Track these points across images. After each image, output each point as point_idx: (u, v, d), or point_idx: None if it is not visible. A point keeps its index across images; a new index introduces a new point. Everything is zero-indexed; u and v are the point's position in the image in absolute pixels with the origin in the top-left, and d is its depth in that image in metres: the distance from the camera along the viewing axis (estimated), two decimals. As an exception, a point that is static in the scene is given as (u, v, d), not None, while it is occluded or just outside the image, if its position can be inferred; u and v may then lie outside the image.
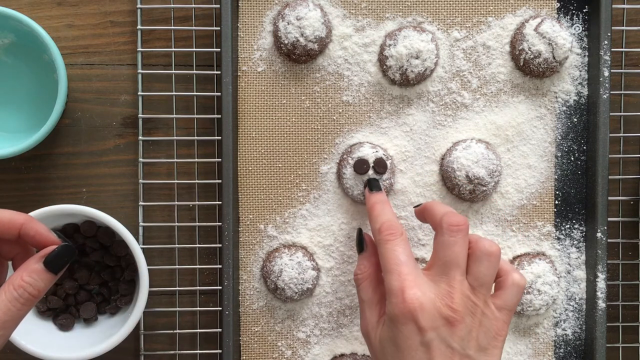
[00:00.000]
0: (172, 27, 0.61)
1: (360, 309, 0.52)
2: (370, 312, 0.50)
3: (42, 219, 0.57)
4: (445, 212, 0.51)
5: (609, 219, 0.60)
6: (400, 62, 0.58)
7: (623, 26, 0.62)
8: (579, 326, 0.62)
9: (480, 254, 0.49)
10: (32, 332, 0.58)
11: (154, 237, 0.62)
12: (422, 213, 0.55)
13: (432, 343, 0.46)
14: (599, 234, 0.59)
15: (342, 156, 0.60)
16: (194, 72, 0.61)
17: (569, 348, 0.62)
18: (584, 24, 0.61)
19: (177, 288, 0.61)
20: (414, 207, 0.58)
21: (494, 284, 0.50)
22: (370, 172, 0.58)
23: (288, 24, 0.58)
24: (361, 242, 0.55)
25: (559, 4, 0.61)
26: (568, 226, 0.62)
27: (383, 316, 0.49)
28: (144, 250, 0.60)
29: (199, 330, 0.61)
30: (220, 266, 0.59)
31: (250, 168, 0.61)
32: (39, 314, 0.60)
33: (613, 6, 0.59)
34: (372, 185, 0.56)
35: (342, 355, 0.61)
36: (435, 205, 0.53)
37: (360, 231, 0.56)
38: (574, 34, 0.61)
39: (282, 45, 0.59)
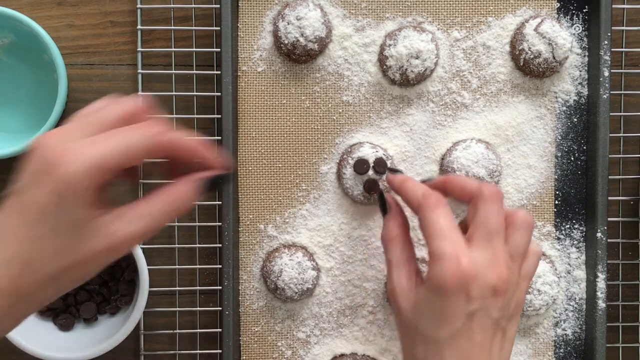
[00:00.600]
0: (172, 27, 0.61)
1: (388, 270, 0.51)
2: (398, 273, 0.50)
3: (42, 219, 0.57)
4: (481, 182, 0.50)
5: (609, 219, 0.60)
6: (400, 62, 0.58)
7: (623, 26, 0.62)
8: (579, 326, 0.62)
9: (520, 224, 0.49)
10: (32, 332, 0.58)
11: (154, 237, 0.61)
12: (443, 185, 0.52)
13: (476, 313, 0.45)
14: (599, 234, 0.59)
15: (342, 156, 0.60)
16: (194, 72, 0.61)
17: (569, 348, 0.62)
18: (584, 24, 0.61)
19: (177, 288, 0.61)
20: (424, 180, 0.55)
21: None
22: (371, 172, 0.58)
23: (288, 24, 0.58)
24: (384, 204, 0.54)
25: (559, 4, 0.61)
26: (568, 226, 0.62)
27: (414, 278, 0.49)
28: (144, 250, 0.60)
29: (199, 330, 0.61)
30: (220, 266, 0.59)
31: (250, 168, 0.61)
32: (39, 314, 0.60)
33: (613, 6, 0.59)
34: (395, 170, 0.56)
35: (342, 355, 0.61)
36: (465, 178, 0.52)
37: (382, 193, 0.55)
38: (574, 34, 0.61)
39: (282, 45, 0.59)
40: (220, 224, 0.60)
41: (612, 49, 0.59)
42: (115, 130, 0.40)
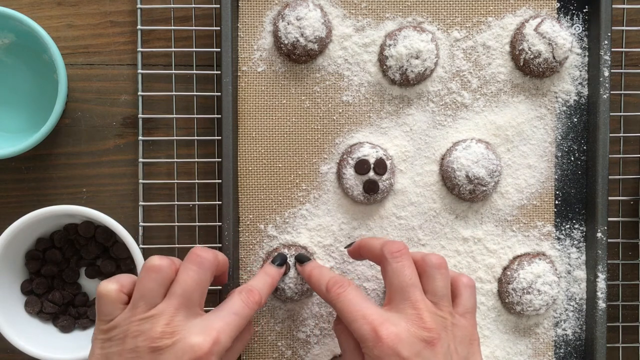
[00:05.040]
0: (172, 27, 0.61)
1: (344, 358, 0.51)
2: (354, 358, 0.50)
3: (42, 219, 0.57)
4: (383, 242, 0.51)
5: (609, 219, 0.60)
6: (400, 62, 0.58)
7: (623, 26, 0.62)
8: (579, 326, 0.62)
9: (431, 270, 0.50)
10: (33, 334, 0.58)
11: (154, 237, 0.62)
12: (358, 251, 0.55)
13: None
14: (599, 234, 0.59)
15: (342, 156, 0.60)
16: (194, 72, 0.61)
17: (569, 348, 0.62)
18: (584, 24, 0.61)
19: (177, 288, 0.61)
20: (345, 247, 0.59)
21: None
22: (371, 173, 0.58)
23: (288, 24, 0.58)
24: None
25: (559, 4, 0.61)
26: (568, 226, 0.62)
27: None
28: (143, 250, 0.60)
29: (199, 330, 0.61)
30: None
31: (250, 168, 0.61)
32: (40, 317, 0.60)
33: (613, 6, 0.59)
34: (301, 260, 0.57)
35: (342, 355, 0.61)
36: (369, 241, 0.53)
37: None
38: (574, 34, 0.61)
39: (282, 45, 0.59)
40: (220, 224, 0.60)
41: (612, 49, 0.59)
42: (225, 312, 0.48)
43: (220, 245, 0.58)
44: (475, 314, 0.51)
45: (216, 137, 0.61)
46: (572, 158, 0.62)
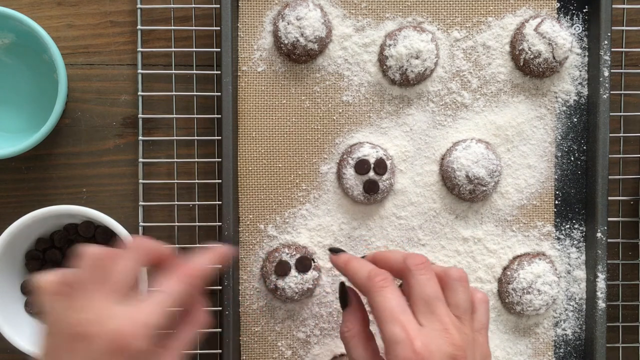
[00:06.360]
0: (172, 27, 0.61)
1: None
2: None
3: (42, 219, 0.57)
4: (405, 255, 0.49)
5: (609, 219, 0.60)
6: (400, 62, 0.58)
7: (623, 26, 0.62)
8: (579, 326, 0.62)
9: (454, 283, 0.48)
10: (32, 334, 0.58)
11: (154, 237, 0.61)
12: (374, 262, 0.52)
13: None
14: (599, 234, 0.59)
15: (342, 156, 0.60)
16: (194, 72, 0.61)
17: (569, 348, 0.62)
18: (584, 24, 0.61)
19: (177, 288, 0.61)
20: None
21: None
22: (371, 173, 0.58)
23: (288, 24, 0.58)
24: (345, 297, 0.52)
25: (559, 4, 0.61)
26: (568, 226, 0.62)
27: None
28: (144, 250, 0.60)
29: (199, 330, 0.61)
30: (221, 266, 0.59)
31: (250, 168, 0.61)
32: (38, 315, 0.60)
33: (613, 6, 0.59)
34: (336, 250, 0.54)
35: (342, 355, 0.61)
36: (388, 254, 0.51)
37: (342, 285, 0.53)
38: (574, 34, 0.61)
39: (282, 45, 0.59)
40: (220, 224, 0.60)
41: (612, 49, 0.59)
42: (155, 292, 0.45)
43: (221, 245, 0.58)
44: (488, 330, 0.50)
45: (216, 137, 0.61)
46: (572, 158, 0.62)
